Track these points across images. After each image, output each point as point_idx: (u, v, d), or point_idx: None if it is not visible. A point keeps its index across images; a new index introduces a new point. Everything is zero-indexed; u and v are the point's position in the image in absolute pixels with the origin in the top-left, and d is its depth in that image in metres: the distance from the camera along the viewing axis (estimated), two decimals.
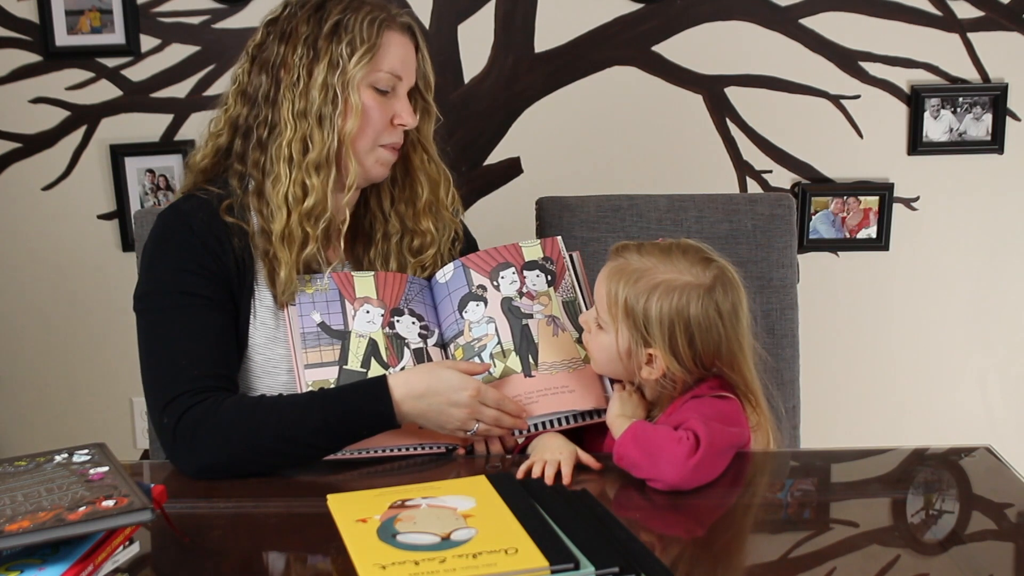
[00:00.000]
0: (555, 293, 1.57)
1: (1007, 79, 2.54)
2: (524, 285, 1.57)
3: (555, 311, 1.55)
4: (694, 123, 2.57)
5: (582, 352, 1.52)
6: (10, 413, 2.71)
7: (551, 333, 1.54)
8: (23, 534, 1.06)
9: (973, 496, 1.38)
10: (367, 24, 1.52)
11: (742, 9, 2.52)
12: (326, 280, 1.54)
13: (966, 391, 2.72)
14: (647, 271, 1.43)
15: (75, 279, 2.64)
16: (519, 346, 1.52)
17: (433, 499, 1.24)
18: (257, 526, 1.32)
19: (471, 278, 1.57)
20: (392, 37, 1.54)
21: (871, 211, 2.61)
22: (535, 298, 1.56)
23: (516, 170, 2.60)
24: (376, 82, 1.54)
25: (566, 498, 1.26)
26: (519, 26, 2.53)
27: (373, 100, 1.54)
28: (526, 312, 1.55)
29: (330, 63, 1.51)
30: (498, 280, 1.57)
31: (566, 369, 1.51)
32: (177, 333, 1.49)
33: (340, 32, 1.52)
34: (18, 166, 2.59)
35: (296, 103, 1.52)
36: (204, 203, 1.55)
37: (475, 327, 1.54)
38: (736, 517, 1.33)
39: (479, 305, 1.55)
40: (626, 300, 1.42)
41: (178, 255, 1.52)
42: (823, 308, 2.61)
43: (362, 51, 1.51)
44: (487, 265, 1.58)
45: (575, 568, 1.07)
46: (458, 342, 1.54)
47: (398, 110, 1.56)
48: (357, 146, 1.55)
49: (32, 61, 2.52)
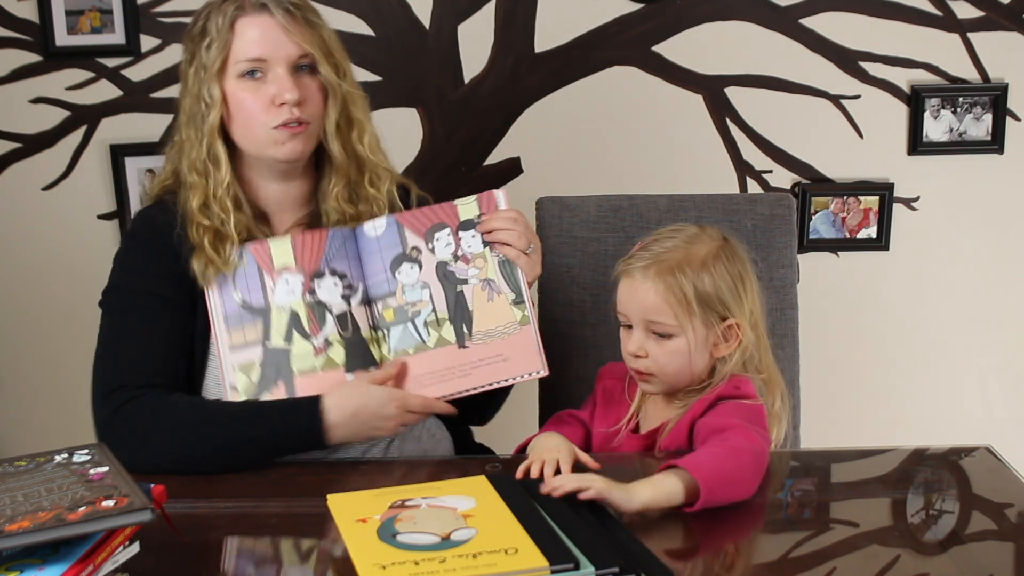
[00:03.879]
0: (491, 253, 1.55)
1: (1007, 79, 2.54)
2: (459, 247, 1.56)
3: (490, 273, 1.55)
4: (694, 123, 2.57)
5: (517, 314, 1.53)
6: (10, 413, 2.71)
7: (486, 298, 1.54)
8: (23, 534, 1.06)
9: (973, 496, 1.38)
10: (221, 19, 1.55)
11: (742, 9, 2.51)
12: (244, 257, 1.54)
13: (966, 391, 2.72)
14: (684, 255, 1.46)
15: (75, 279, 2.64)
16: (454, 315, 1.53)
17: (433, 499, 1.24)
18: (257, 526, 1.32)
19: (405, 237, 1.56)
20: (245, 23, 1.55)
21: (871, 211, 2.61)
22: (470, 261, 1.55)
23: (516, 170, 2.60)
24: (240, 72, 1.55)
25: (566, 498, 1.26)
26: (519, 26, 2.53)
27: (242, 89, 1.55)
28: (461, 278, 1.55)
29: (197, 66, 1.57)
30: (433, 242, 1.56)
31: (500, 336, 1.53)
32: (130, 330, 1.56)
33: (204, 34, 1.57)
34: (18, 166, 2.58)
35: (183, 109, 1.60)
36: (170, 207, 1.62)
37: (408, 291, 1.55)
38: (736, 517, 1.33)
39: (413, 268, 1.55)
40: (694, 288, 1.44)
41: (143, 255, 1.60)
42: (823, 308, 2.61)
43: (216, 47, 1.54)
44: (422, 225, 1.57)
45: (575, 568, 1.07)
46: (388, 302, 1.55)
47: (275, 90, 1.55)
48: (241, 136, 1.58)
49: (32, 61, 2.52)
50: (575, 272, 1.90)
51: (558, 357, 1.90)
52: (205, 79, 1.55)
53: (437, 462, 1.60)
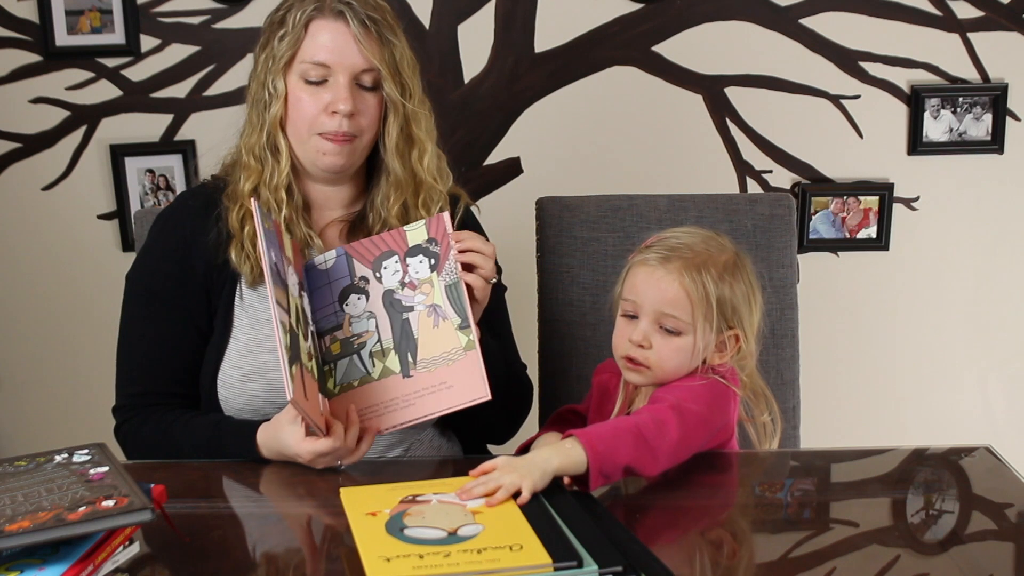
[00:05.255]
0: (438, 278, 1.51)
1: (1007, 79, 2.54)
2: (407, 274, 1.53)
3: (436, 299, 1.51)
4: (694, 123, 2.57)
5: (463, 339, 1.48)
6: (10, 413, 2.71)
7: (431, 325, 1.50)
8: (23, 534, 1.06)
9: (973, 496, 1.38)
10: (299, 14, 1.55)
11: (742, 9, 2.51)
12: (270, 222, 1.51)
13: (966, 391, 2.72)
14: (707, 256, 1.45)
15: (75, 279, 2.64)
16: (399, 344, 1.50)
17: (444, 495, 1.24)
18: (257, 526, 1.32)
19: (353, 268, 1.54)
20: (319, 25, 1.55)
21: (871, 211, 2.61)
22: (417, 287, 1.52)
23: (516, 170, 2.60)
24: (304, 73, 1.55)
25: (576, 496, 1.26)
26: (519, 26, 2.53)
27: (302, 89, 1.56)
28: (407, 305, 1.52)
29: (268, 54, 1.58)
30: (380, 271, 1.53)
31: (445, 363, 1.49)
32: (141, 333, 1.62)
33: (282, 23, 1.57)
34: (18, 166, 2.59)
35: (250, 91, 1.62)
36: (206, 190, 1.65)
37: (356, 322, 1.52)
38: (736, 517, 1.33)
39: (360, 299, 1.53)
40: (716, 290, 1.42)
41: (163, 245, 1.63)
42: (823, 308, 2.61)
43: (287, 41, 1.55)
44: (370, 254, 1.54)
45: (578, 566, 1.07)
46: (336, 335, 1.53)
47: (331, 97, 1.55)
48: (292, 134, 1.58)
49: (32, 61, 2.52)
50: (575, 272, 1.90)
51: (557, 357, 1.90)
52: (272, 69, 1.56)
53: (440, 462, 1.61)
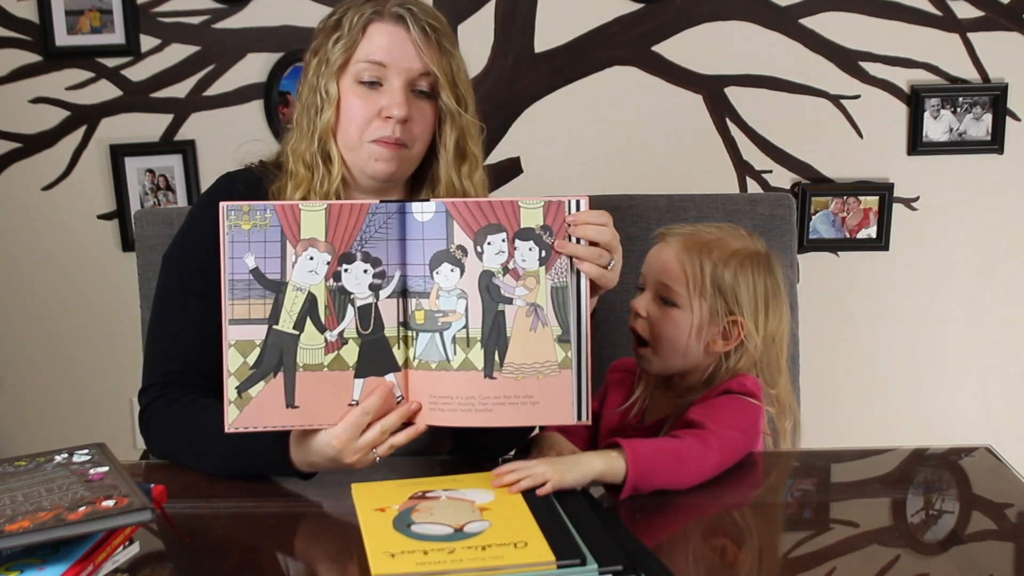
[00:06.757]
0: (546, 275, 1.32)
1: (1007, 79, 2.54)
2: (512, 259, 1.32)
3: (540, 299, 1.32)
4: (694, 123, 2.57)
5: (560, 354, 1.31)
6: (10, 413, 2.71)
7: (528, 326, 1.32)
8: (23, 534, 1.05)
9: (973, 496, 1.38)
10: (357, 17, 1.53)
11: (742, 9, 2.51)
12: (268, 213, 1.31)
13: (966, 391, 2.72)
14: (719, 241, 1.47)
15: (75, 279, 2.64)
16: (487, 337, 1.32)
17: (453, 491, 1.25)
18: (257, 526, 1.32)
19: (452, 232, 1.33)
20: (378, 28, 1.53)
21: (871, 211, 2.61)
22: (520, 278, 1.32)
23: (516, 170, 2.60)
24: (358, 74, 1.52)
25: (585, 495, 1.26)
26: (519, 26, 2.53)
27: (355, 93, 1.52)
28: (506, 295, 1.32)
29: (320, 58, 1.54)
30: (483, 246, 1.32)
31: (535, 375, 1.31)
32: (178, 312, 1.55)
33: (337, 27, 1.54)
34: (18, 166, 2.59)
35: (300, 96, 1.58)
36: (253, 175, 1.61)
37: (443, 297, 1.33)
38: (736, 517, 1.33)
39: (454, 271, 1.33)
40: (712, 270, 1.45)
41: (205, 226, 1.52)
42: (823, 308, 2.61)
43: (343, 43, 1.52)
44: (475, 222, 1.33)
45: (581, 564, 1.07)
46: (422, 303, 1.33)
47: (385, 101, 1.52)
48: (342, 140, 1.55)
49: (32, 61, 2.52)
50: None
51: None
52: (325, 73, 1.53)
53: (457, 460, 1.61)
